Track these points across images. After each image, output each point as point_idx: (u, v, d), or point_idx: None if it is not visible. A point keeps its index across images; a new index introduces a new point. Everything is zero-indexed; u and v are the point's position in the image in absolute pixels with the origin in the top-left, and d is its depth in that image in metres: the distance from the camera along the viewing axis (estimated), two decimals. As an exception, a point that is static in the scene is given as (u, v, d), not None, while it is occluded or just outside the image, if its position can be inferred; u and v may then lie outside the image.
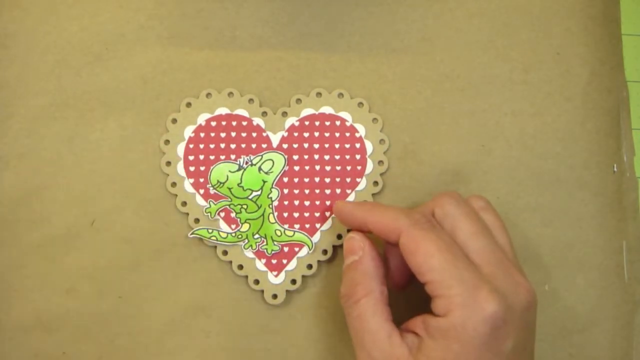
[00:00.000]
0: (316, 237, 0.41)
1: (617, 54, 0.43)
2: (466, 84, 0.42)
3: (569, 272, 0.41)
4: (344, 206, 0.38)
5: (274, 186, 0.41)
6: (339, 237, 0.41)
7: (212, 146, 0.41)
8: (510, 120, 0.42)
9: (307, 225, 0.41)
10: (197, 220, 0.40)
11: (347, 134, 0.41)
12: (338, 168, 0.41)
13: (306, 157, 0.41)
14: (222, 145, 0.41)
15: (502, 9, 0.43)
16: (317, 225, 0.41)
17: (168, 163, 0.41)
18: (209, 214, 0.40)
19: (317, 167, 0.41)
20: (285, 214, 0.41)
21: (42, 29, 0.42)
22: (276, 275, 0.40)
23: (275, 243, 0.40)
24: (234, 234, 0.40)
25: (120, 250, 0.40)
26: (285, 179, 0.41)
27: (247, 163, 0.41)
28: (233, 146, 0.41)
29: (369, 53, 0.42)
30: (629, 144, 0.42)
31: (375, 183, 0.41)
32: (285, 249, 0.40)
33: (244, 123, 0.41)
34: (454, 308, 0.31)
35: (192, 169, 0.41)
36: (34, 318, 0.40)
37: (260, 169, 0.41)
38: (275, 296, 0.40)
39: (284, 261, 0.40)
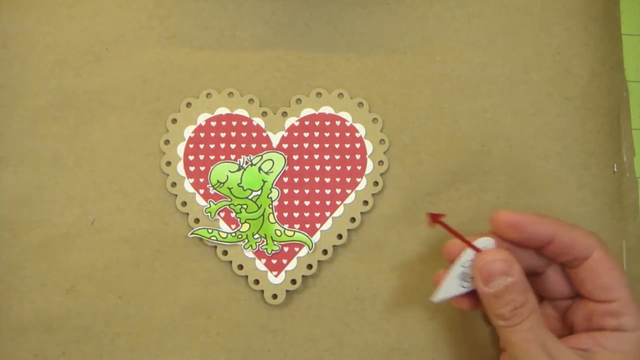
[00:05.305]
0: (316, 237, 0.41)
1: (617, 54, 0.43)
2: (466, 84, 0.42)
3: (569, 272, 0.41)
4: (522, 217, 0.34)
5: (274, 186, 0.41)
6: (339, 236, 0.41)
7: (212, 146, 0.41)
8: (510, 120, 0.42)
9: (307, 225, 0.41)
10: (197, 220, 0.40)
11: (347, 134, 0.41)
12: (338, 168, 0.41)
13: (306, 157, 0.41)
14: (222, 145, 0.41)
15: (502, 9, 0.43)
16: (317, 225, 0.41)
17: (168, 163, 0.41)
18: (209, 214, 0.40)
19: (317, 167, 0.41)
20: (285, 214, 0.41)
21: (42, 29, 0.42)
22: (276, 275, 0.40)
23: (275, 243, 0.40)
24: (234, 234, 0.40)
25: (120, 250, 0.40)
26: (285, 179, 0.41)
27: (247, 163, 0.41)
28: (233, 146, 0.41)
29: (369, 53, 0.42)
30: (629, 144, 0.42)
31: (375, 183, 0.41)
32: (285, 249, 0.40)
33: (244, 123, 0.41)
34: None
35: (192, 169, 0.41)
36: (34, 318, 0.40)
37: (260, 169, 0.41)
38: (275, 296, 0.40)
39: (284, 261, 0.40)
